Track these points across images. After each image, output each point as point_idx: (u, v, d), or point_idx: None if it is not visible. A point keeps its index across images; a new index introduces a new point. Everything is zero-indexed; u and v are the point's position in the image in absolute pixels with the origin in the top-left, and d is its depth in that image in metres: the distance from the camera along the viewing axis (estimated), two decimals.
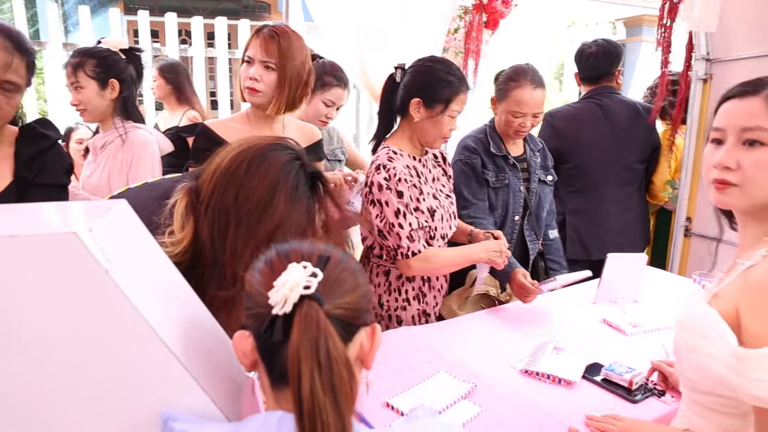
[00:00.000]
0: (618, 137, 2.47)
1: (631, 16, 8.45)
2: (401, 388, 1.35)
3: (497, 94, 2.06)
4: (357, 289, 0.67)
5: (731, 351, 0.87)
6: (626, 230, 2.51)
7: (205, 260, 0.99)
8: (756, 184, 0.91)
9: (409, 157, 1.78)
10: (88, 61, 1.90)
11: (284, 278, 0.63)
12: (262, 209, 0.99)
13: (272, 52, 1.61)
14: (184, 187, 1.04)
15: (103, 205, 0.72)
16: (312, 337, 0.60)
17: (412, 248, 1.68)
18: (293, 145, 1.09)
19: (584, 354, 1.52)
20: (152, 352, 0.67)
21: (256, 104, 1.67)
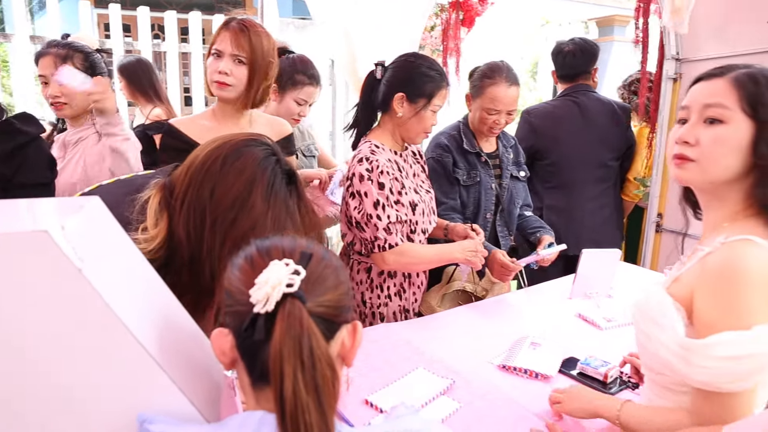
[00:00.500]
0: (594, 134, 2.51)
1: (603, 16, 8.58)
2: (380, 385, 1.35)
3: (472, 91, 2.08)
4: (339, 287, 0.67)
5: (678, 341, 0.91)
6: (601, 226, 2.55)
7: (182, 258, 0.98)
8: (712, 160, 0.94)
9: (390, 152, 1.79)
10: (75, 54, 1.83)
11: (266, 276, 0.62)
12: (240, 206, 0.97)
13: (243, 46, 1.58)
14: (157, 183, 1.03)
15: (76, 202, 0.70)
16: (295, 336, 0.59)
17: (389, 240, 1.68)
18: (268, 140, 1.08)
19: (560, 348, 1.54)
20: (127, 352, 0.66)
21: (224, 99, 1.64)
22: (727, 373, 0.86)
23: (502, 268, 1.88)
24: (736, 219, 0.96)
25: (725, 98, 0.93)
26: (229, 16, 1.67)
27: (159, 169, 1.24)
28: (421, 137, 1.80)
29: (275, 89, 2.12)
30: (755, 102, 0.91)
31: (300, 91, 2.12)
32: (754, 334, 0.85)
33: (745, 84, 0.92)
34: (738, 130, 0.92)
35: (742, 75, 0.93)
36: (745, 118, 0.91)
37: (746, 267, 0.87)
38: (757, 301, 0.86)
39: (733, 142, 0.92)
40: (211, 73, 1.61)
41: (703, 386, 0.90)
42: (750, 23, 2.40)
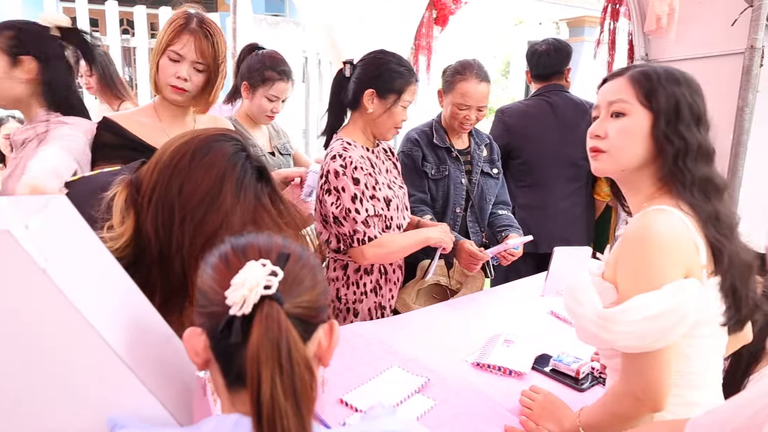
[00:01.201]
0: (566, 134, 2.55)
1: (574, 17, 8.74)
2: (355, 384, 1.35)
3: (444, 87, 2.12)
4: (316, 287, 0.66)
5: (596, 312, 1.00)
6: (573, 225, 2.59)
7: (151, 255, 0.95)
8: (620, 148, 1.05)
9: (363, 148, 1.79)
10: (2, 32, 1.52)
11: (242, 277, 0.60)
12: (209, 202, 0.95)
13: (206, 54, 1.52)
14: (123, 180, 1.00)
15: (41, 201, 0.68)
16: (273, 339, 0.58)
17: (368, 233, 1.69)
18: (236, 136, 1.06)
19: (533, 345, 1.56)
20: (95, 353, 0.64)
21: (177, 103, 1.59)
22: (648, 334, 0.94)
23: (470, 257, 1.91)
24: (653, 200, 1.05)
25: (625, 94, 1.05)
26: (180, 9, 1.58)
27: (124, 166, 1.20)
28: (391, 133, 1.81)
29: (246, 86, 2.09)
30: (650, 94, 1.02)
31: (271, 87, 2.09)
32: (663, 292, 0.93)
33: (641, 80, 1.04)
34: (638, 120, 1.03)
35: (637, 73, 1.06)
36: (643, 110, 1.03)
37: (654, 230, 0.96)
38: (666, 261, 0.95)
39: (635, 130, 1.03)
40: (167, 76, 1.52)
41: (630, 350, 0.98)
42: (715, 25, 2.47)
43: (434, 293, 2.06)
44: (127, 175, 1.01)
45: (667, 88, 1.02)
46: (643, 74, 1.05)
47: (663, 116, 1.02)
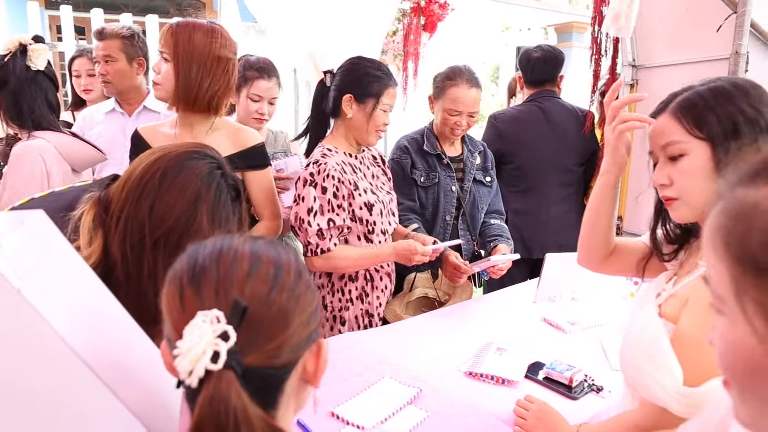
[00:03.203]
0: (558, 139, 2.55)
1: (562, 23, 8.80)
2: (346, 396, 1.32)
3: (434, 93, 2.11)
4: (291, 324, 0.57)
5: (678, 389, 0.90)
6: (565, 230, 2.59)
7: (117, 279, 0.91)
8: (690, 192, 0.93)
9: (344, 155, 1.80)
10: None
11: (188, 341, 0.51)
12: (184, 227, 0.91)
13: (168, 43, 1.52)
14: (91, 198, 0.96)
15: (17, 218, 0.66)
16: (219, 425, 0.50)
17: (321, 245, 1.70)
18: (212, 152, 1.01)
19: (526, 353, 1.54)
20: (74, 374, 0.62)
21: (158, 98, 1.60)
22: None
23: (455, 269, 1.91)
24: None
25: (673, 133, 0.93)
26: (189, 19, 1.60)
27: (94, 181, 1.17)
28: (373, 137, 1.81)
29: None
30: (699, 123, 0.90)
31: (251, 86, 2.06)
32: None
33: (685, 110, 0.93)
34: (697, 156, 0.91)
35: (679, 103, 0.94)
36: (699, 142, 0.91)
37: None
38: None
39: (697, 168, 0.92)
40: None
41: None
42: (702, 31, 2.48)
43: (422, 306, 2.05)
44: (96, 191, 0.97)
45: (717, 109, 0.90)
46: (685, 103, 0.93)
47: (720, 143, 0.89)
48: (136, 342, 0.77)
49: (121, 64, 2.25)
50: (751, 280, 0.42)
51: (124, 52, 2.25)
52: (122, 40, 2.24)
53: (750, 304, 0.43)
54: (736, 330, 0.45)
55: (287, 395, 0.59)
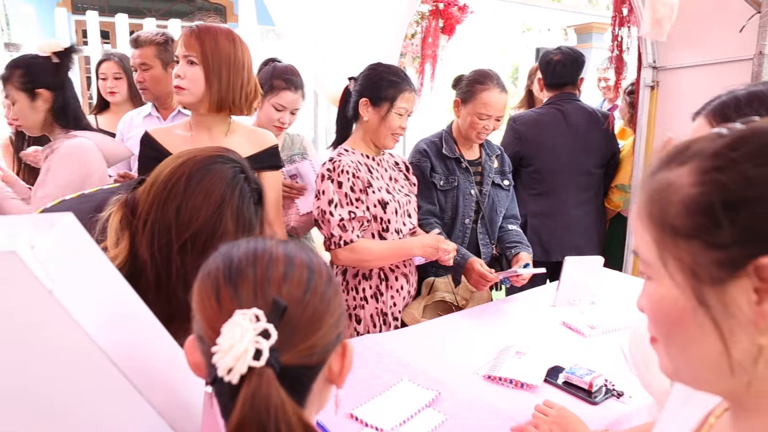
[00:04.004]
0: (578, 142, 2.54)
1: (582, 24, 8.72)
2: (365, 398, 1.33)
3: (462, 96, 2.09)
4: (324, 326, 0.58)
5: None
6: (585, 233, 2.57)
7: (146, 279, 0.93)
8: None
9: (362, 156, 1.86)
10: (14, 72, 1.76)
11: (228, 338, 0.52)
12: (210, 231, 0.93)
13: (193, 46, 1.52)
14: (118, 200, 0.98)
15: (48, 220, 0.68)
16: (261, 420, 0.51)
17: (344, 237, 1.75)
18: (236, 156, 1.03)
19: (545, 357, 1.54)
20: (102, 374, 0.63)
21: (183, 103, 1.59)
22: None
23: (480, 277, 1.91)
24: None
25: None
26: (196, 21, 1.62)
27: (121, 184, 1.19)
28: (389, 140, 1.85)
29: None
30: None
31: (277, 96, 2.08)
32: None
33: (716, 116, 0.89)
34: None
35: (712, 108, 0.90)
36: None
37: None
38: None
39: None
40: (174, 80, 1.56)
41: None
42: (724, 31, 2.45)
43: (440, 310, 2.05)
44: (123, 194, 0.99)
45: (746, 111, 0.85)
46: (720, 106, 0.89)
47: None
48: (160, 342, 0.79)
49: (157, 70, 2.29)
50: (671, 242, 0.52)
51: (159, 58, 2.29)
52: (156, 47, 2.28)
53: (671, 261, 0.52)
54: (662, 287, 0.54)
55: (313, 395, 0.61)
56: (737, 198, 0.48)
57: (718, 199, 0.48)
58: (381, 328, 1.89)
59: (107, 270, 0.74)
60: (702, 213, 0.49)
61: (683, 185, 0.51)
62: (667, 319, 0.54)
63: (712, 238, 0.49)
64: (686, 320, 0.52)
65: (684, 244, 0.50)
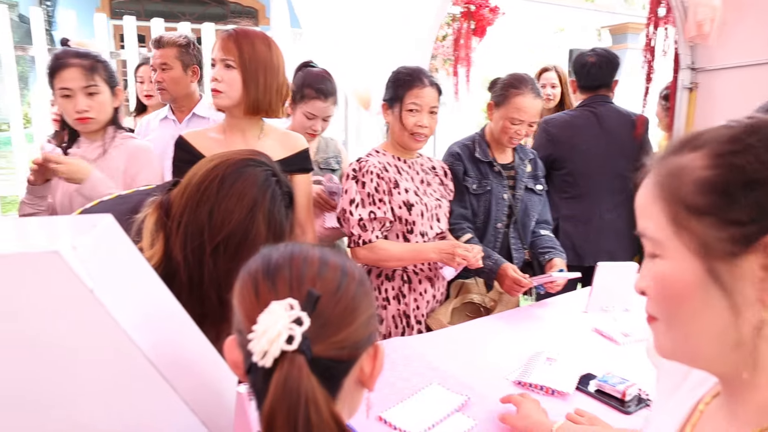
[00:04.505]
0: (612, 145, 2.49)
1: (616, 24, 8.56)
2: (394, 401, 1.33)
3: (496, 100, 2.07)
4: (355, 321, 0.60)
5: None
6: (618, 237, 2.52)
7: (180, 280, 0.95)
8: None
9: (392, 157, 1.89)
10: (100, 65, 1.75)
11: (264, 324, 0.55)
12: (242, 234, 0.95)
13: (231, 50, 1.55)
14: (154, 202, 1.00)
15: (89, 221, 0.70)
16: (292, 403, 0.53)
17: (363, 237, 1.79)
18: (267, 159, 1.04)
19: (577, 364, 1.51)
20: (139, 373, 0.65)
21: (220, 106, 1.61)
22: None
23: (514, 283, 1.89)
24: None
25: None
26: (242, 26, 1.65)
27: (157, 186, 1.22)
28: (409, 140, 1.85)
29: (290, 101, 2.11)
30: None
31: (307, 104, 2.09)
32: None
33: None
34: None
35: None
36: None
37: None
38: None
39: None
40: (211, 83, 1.60)
41: None
42: (764, 31, 2.37)
43: (468, 312, 2.03)
44: (158, 196, 1.01)
45: None
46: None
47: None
48: (194, 342, 0.80)
49: (177, 71, 2.32)
50: (684, 218, 0.56)
51: (180, 59, 2.32)
52: (178, 49, 2.32)
53: (685, 235, 0.56)
54: (671, 263, 0.57)
55: (345, 392, 0.61)
56: (753, 179, 0.52)
57: (736, 180, 0.53)
58: (404, 330, 1.90)
59: (144, 270, 0.76)
60: (717, 192, 0.53)
61: (697, 168, 0.55)
62: (674, 294, 0.57)
63: (726, 215, 0.53)
64: (694, 295, 0.55)
65: (697, 220, 0.54)
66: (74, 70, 1.69)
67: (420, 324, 1.92)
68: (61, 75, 1.69)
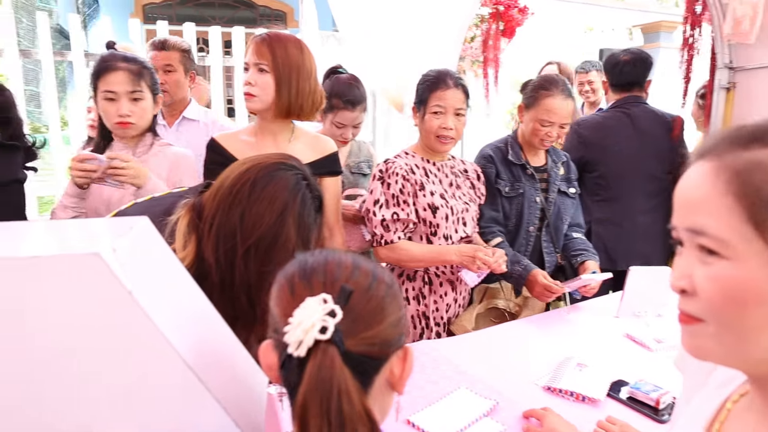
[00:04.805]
0: (646, 146, 2.44)
1: (649, 23, 8.38)
2: (422, 405, 1.33)
3: (526, 102, 2.05)
4: (385, 320, 0.62)
5: None
6: (652, 241, 2.47)
7: (212, 282, 0.97)
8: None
9: (421, 159, 1.90)
10: (146, 71, 1.74)
11: (299, 316, 0.57)
12: (273, 237, 0.96)
13: (264, 54, 1.56)
14: (186, 204, 1.02)
15: (126, 224, 0.71)
16: (325, 391, 0.54)
17: (386, 237, 1.80)
18: (298, 163, 1.06)
19: (608, 370, 1.48)
20: (175, 373, 0.66)
21: (253, 109, 1.63)
22: None
23: (545, 289, 1.85)
24: None
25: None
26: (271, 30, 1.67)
27: (189, 188, 1.24)
28: (434, 142, 1.86)
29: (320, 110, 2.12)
30: None
31: (336, 115, 2.10)
32: None
33: None
34: None
35: None
36: None
37: None
38: None
39: None
40: (243, 87, 1.61)
41: None
42: None
43: (492, 317, 2.01)
44: (191, 198, 1.03)
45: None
46: None
47: None
48: (227, 343, 0.81)
49: (179, 74, 2.35)
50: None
51: (183, 64, 2.35)
52: (181, 53, 2.35)
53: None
54: (750, 268, 0.51)
55: (375, 392, 0.62)
56: None
57: None
58: (423, 331, 1.90)
59: (178, 272, 0.78)
60: None
61: None
62: (743, 300, 0.52)
63: None
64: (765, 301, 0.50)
65: None
66: (121, 74, 1.68)
67: (439, 326, 1.92)
68: (107, 78, 1.68)
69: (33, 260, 0.59)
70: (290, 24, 8.99)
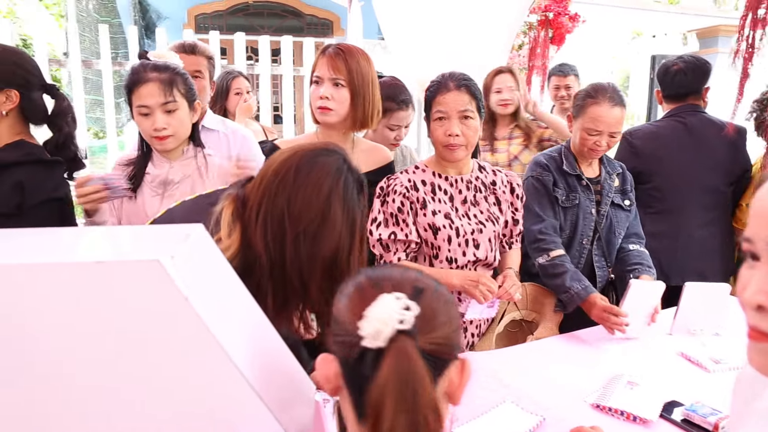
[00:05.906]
0: (704, 157, 2.35)
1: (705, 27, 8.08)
2: (466, 418, 1.31)
3: (574, 111, 2.00)
4: (450, 322, 0.64)
5: None
6: (709, 256, 2.36)
7: (261, 266, 1.00)
8: None
9: (432, 174, 1.75)
10: (178, 78, 1.64)
11: (376, 310, 0.60)
12: (321, 220, 0.99)
13: (340, 69, 1.60)
14: (230, 195, 1.06)
15: (182, 231, 0.73)
16: (402, 375, 0.57)
17: (386, 257, 1.70)
18: (338, 148, 1.09)
19: (661, 390, 1.43)
20: (228, 380, 0.67)
21: (328, 123, 1.66)
22: None
23: (605, 312, 1.77)
24: None
25: None
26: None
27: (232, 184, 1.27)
28: (444, 151, 1.69)
29: None
30: None
31: (390, 117, 2.12)
32: None
33: None
34: None
35: None
36: None
37: None
38: None
39: None
40: (314, 99, 1.64)
41: None
42: None
43: (509, 327, 1.96)
44: (234, 190, 1.07)
45: None
46: None
47: None
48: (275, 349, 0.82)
49: (206, 81, 2.23)
50: None
51: (209, 70, 2.25)
52: (208, 60, 2.25)
53: None
54: None
55: (438, 394, 0.62)
56: None
57: None
58: None
59: (231, 278, 0.79)
60: None
61: None
62: None
63: None
64: None
65: None
66: (152, 86, 1.60)
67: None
68: (139, 91, 1.61)
69: (95, 265, 0.61)
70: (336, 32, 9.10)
